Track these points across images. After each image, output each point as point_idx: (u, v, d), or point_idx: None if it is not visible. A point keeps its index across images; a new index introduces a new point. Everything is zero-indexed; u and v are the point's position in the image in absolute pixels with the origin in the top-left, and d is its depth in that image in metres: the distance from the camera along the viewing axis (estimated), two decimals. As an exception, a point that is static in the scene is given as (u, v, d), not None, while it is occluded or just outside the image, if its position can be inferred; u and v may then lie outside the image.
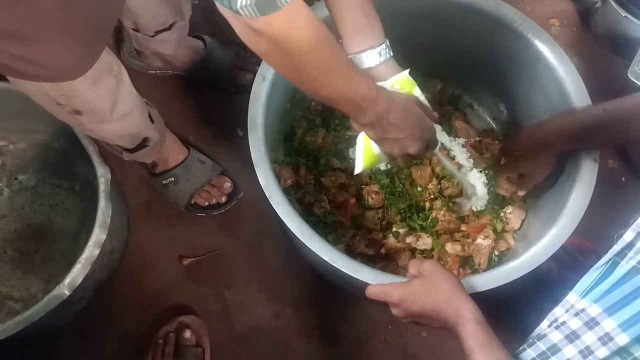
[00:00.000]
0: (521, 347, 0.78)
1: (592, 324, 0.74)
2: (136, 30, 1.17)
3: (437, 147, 0.95)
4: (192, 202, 1.21)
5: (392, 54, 0.90)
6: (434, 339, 1.16)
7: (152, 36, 1.16)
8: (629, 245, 0.75)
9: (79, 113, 0.81)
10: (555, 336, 0.76)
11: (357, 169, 0.92)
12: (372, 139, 0.86)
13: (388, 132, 0.82)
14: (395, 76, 0.90)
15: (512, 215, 1.15)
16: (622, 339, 0.70)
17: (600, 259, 0.82)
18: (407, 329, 1.16)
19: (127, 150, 1.01)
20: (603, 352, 0.71)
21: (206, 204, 1.22)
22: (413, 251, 1.12)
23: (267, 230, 1.22)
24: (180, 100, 1.33)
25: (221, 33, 1.33)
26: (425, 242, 1.11)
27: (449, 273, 0.82)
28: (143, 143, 1.01)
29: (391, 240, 1.12)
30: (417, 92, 0.92)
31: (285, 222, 0.90)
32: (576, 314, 0.76)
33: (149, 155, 1.06)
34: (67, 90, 0.74)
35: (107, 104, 0.82)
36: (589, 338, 0.73)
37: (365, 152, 0.90)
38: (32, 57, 0.57)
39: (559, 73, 1.04)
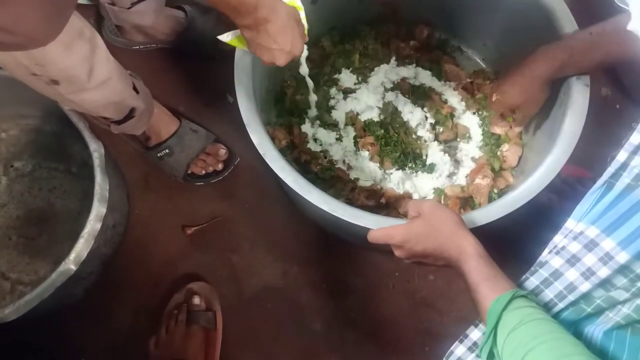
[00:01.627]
0: (524, 277, 0.78)
1: (591, 245, 0.74)
2: (112, 4, 1.15)
3: (303, 58, 1.01)
4: (189, 172, 1.21)
5: None
6: (442, 281, 1.17)
7: (129, 8, 1.15)
8: (623, 166, 0.75)
9: (56, 82, 0.80)
10: (556, 262, 0.76)
11: (224, 37, 0.96)
12: (246, 39, 0.89)
13: (262, 39, 0.86)
14: None
15: (509, 153, 1.15)
16: (622, 257, 0.70)
17: (598, 186, 0.82)
18: (414, 274, 1.17)
19: (115, 122, 1.01)
20: (604, 271, 0.72)
21: (203, 172, 1.22)
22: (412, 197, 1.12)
23: (266, 192, 1.23)
24: (167, 72, 1.32)
25: (200, 1, 1.31)
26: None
27: (449, 211, 0.82)
28: (130, 114, 1.00)
29: (390, 190, 1.12)
30: (302, 14, 0.94)
31: (281, 177, 0.90)
32: (575, 238, 0.77)
33: (137, 126, 1.05)
34: (39, 59, 0.74)
35: (83, 70, 0.82)
36: (590, 259, 0.74)
37: (239, 35, 0.93)
38: None
39: (545, 3, 1.02)
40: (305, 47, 0.96)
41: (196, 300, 1.11)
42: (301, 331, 1.15)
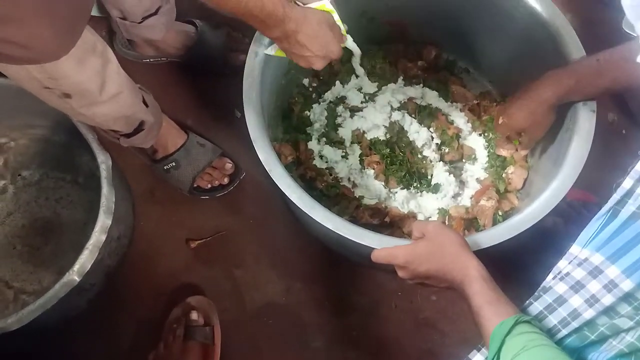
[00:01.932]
0: (528, 301, 0.78)
1: (595, 272, 0.74)
2: (123, 18, 1.17)
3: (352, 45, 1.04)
4: (195, 185, 1.21)
5: None
6: (445, 302, 1.17)
7: (140, 22, 1.16)
8: (629, 193, 0.75)
9: (68, 96, 0.81)
10: (561, 287, 0.76)
11: (269, 51, 0.99)
12: (280, 48, 0.93)
13: (295, 48, 0.89)
14: (314, 3, 0.93)
15: (514, 175, 1.15)
16: (626, 285, 0.70)
17: (603, 211, 0.82)
18: (417, 294, 1.17)
19: (124, 135, 1.02)
20: (609, 299, 0.71)
21: (209, 186, 1.22)
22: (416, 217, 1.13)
23: (271, 208, 1.23)
24: (176, 85, 1.33)
25: (211, 16, 1.32)
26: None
27: (454, 232, 0.82)
28: (139, 127, 1.01)
29: (395, 209, 1.12)
30: (335, 16, 0.96)
31: (287, 194, 0.90)
32: (579, 264, 0.77)
33: (146, 139, 1.06)
34: (52, 72, 0.75)
35: (95, 84, 0.83)
36: (594, 286, 0.73)
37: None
38: (12, 38, 0.57)
39: (553, 29, 1.03)
40: (349, 37, 1.00)
41: (194, 315, 1.10)
42: (302, 348, 1.14)
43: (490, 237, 0.88)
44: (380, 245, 0.86)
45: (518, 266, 1.08)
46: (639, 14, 0.55)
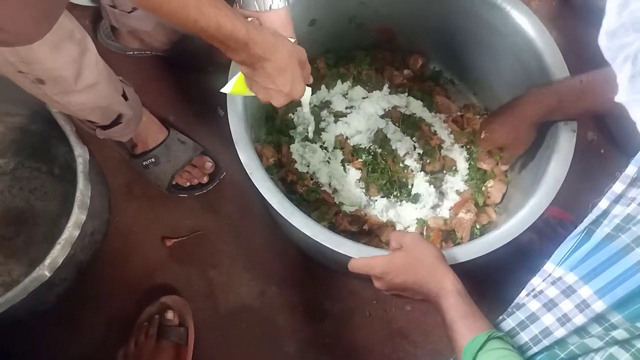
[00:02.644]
0: (501, 317, 0.78)
1: (568, 291, 0.75)
2: (113, 6, 1.15)
3: (306, 100, 0.95)
4: (174, 182, 1.20)
5: (287, 4, 0.87)
6: (419, 313, 1.17)
7: (130, 12, 1.14)
8: (604, 214, 0.76)
9: (42, 82, 0.79)
10: (534, 305, 0.77)
11: (225, 89, 0.90)
12: (243, 73, 0.84)
13: (259, 77, 0.80)
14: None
15: (493, 189, 1.16)
16: (598, 306, 0.70)
17: (579, 230, 0.83)
18: (392, 303, 1.17)
19: (101, 127, 1.00)
20: (580, 319, 0.72)
21: (188, 184, 1.21)
22: (395, 226, 1.13)
23: (250, 209, 1.22)
24: (160, 80, 1.31)
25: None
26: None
27: (431, 245, 0.82)
28: (117, 120, 0.99)
29: (374, 217, 1.12)
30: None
31: (266, 198, 0.90)
32: (553, 283, 0.77)
33: (123, 133, 1.04)
34: (25, 57, 0.73)
35: (71, 72, 0.81)
36: (566, 306, 0.74)
37: (238, 79, 0.88)
38: None
39: (538, 46, 1.04)
40: (309, 89, 0.90)
41: (169, 315, 1.09)
42: (275, 353, 1.14)
43: (468, 251, 0.88)
44: (357, 254, 0.86)
45: (492, 281, 1.09)
46: (613, 56, 0.56)
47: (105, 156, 1.21)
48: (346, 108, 1.22)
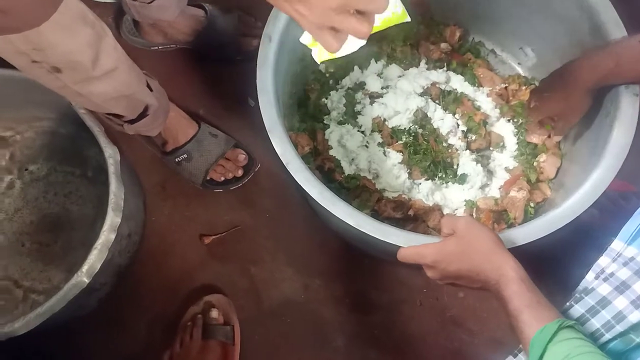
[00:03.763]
0: (568, 304, 0.73)
1: None
2: (134, -2, 1.11)
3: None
4: (208, 178, 1.16)
5: None
6: (473, 299, 1.11)
7: (149, 3, 1.10)
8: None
9: (58, 70, 0.75)
10: (604, 289, 0.71)
11: (304, 39, 0.69)
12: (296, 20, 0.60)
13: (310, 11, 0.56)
14: None
15: (546, 164, 1.08)
16: (675, 284, 0.64)
17: (643, 201, 0.76)
18: (443, 291, 1.11)
19: (128, 122, 0.97)
20: (657, 300, 0.66)
21: (222, 179, 1.17)
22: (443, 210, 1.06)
23: (288, 201, 1.18)
24: (187, 73, 1.27)
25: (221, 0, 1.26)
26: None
27: (487, 229, 0.76)
28: (144, 112, 0.96)
29: (419, 201, 1.06)
30: None
31: (305, 189, 0.85)
32: (625, 264, 0.71)
33: (152, 126, 1.01)
34: (37, 43, 0.69)
35: (87, 56, 0.77)
36: None
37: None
38: None
39: (591, 6, 0.95)
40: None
41: (214, 313, 1.06)
42: (322, 347, 1.10)
43: (527, 233, 0.81)
44: (406, 243, 0.80)
45: (551, 261, 1.02)
46: None
47: (138, 156, 1.18)
48: (382, 88, 1.15)
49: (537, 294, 0.70)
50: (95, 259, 0.89)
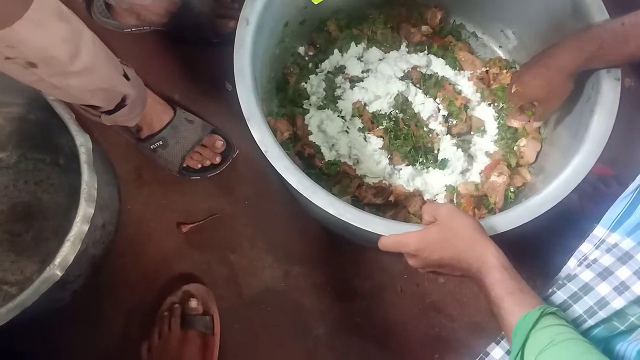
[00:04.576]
0: (550, 290, 0.73)
1: (625, 258, 0.69)
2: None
3: None
4: (184, 165, 1.13)
5: None
6: (452, 285, 1.11)
7: None
8: (658, 171, 0.69)
9: (34, 65, 0.72)
10: (587, 275, 0.71)
11: None
12: None
13: None
14: None
15: (527, 148, 1.07)
16: (660, 271, 0.64)
17: (622, 185, 0.76)
18: (424, 277, 1.11)
19: (105, 112, 0.93)
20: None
21: (199, 166, 1.14)
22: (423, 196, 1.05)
23: (267, 187, 1.16)
24: (161, 57, 1.23)
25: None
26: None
27: (468, 216, 0.76)
28: (121, 102, 0.92)
29: (400, 187, 1.05)
30: None
31: (285, 177, 0.83)
32: (608, 250, 0.71)
33: (130, 116, 0.97)
34: (9, 40, 0.66)
35: (63, 52, 0.74)
36: (624, 273, 0.69)
37: None
38: None
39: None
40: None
41: (193, 303, 1.04)
42: (303, 336, 1.09)
43: (508, 220, 0.81)
44: (388, 231, 0.79)
45: (530, 246, 1.02)
46: None
47: (111, 142, 1.15)
48: (362, 72, 1.13)
49: (519, 281, 0.69)
50: (68, 252, 0.85)
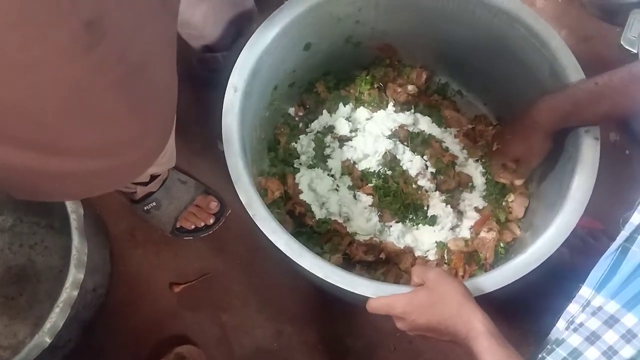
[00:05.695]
0: (540, 356, 0.72)
1: (611, 321, 0.69)
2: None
3: None
4: (178, 225, 1.15)
5: None
6: (446, 344, 1.07)
7: None
8: (638, 229, 0.70)
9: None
10: (575, 340, 0.70)
11: None
12: None
13: None
14: None
15: (515, 204, 1.09)
16: (646, 334, 0.64)
17: (611, 239, 0.77)
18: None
19: (141, 184, 0.97)
20: (628, 351, 0.66)
21: (193, 227, 1.16)
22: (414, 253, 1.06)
23: (258, 246, 1.16)
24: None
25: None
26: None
27: (456, 281, 0.76)
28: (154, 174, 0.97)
29: (390, 244, 1.06)
30: None
31: (272, 240, 0.84)
32: (593, 313, 0.71)
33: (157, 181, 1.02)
34: None
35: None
36: (611, 337, 0.68)
37: None
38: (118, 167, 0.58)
39: (548, 49, 0.97)
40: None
41: (184, 366, 1.04)
42: (296, 397, 1.08)
43: (495, 280, 0.81)
44: (375, 293, 0.79)
45: (519, 304, 1.02)
46: None
47: (105, 204, 1.17)
48: (350, 131, 1.16)
49: (507, 348, 0.69)
50: (57, 318, 0.86)
